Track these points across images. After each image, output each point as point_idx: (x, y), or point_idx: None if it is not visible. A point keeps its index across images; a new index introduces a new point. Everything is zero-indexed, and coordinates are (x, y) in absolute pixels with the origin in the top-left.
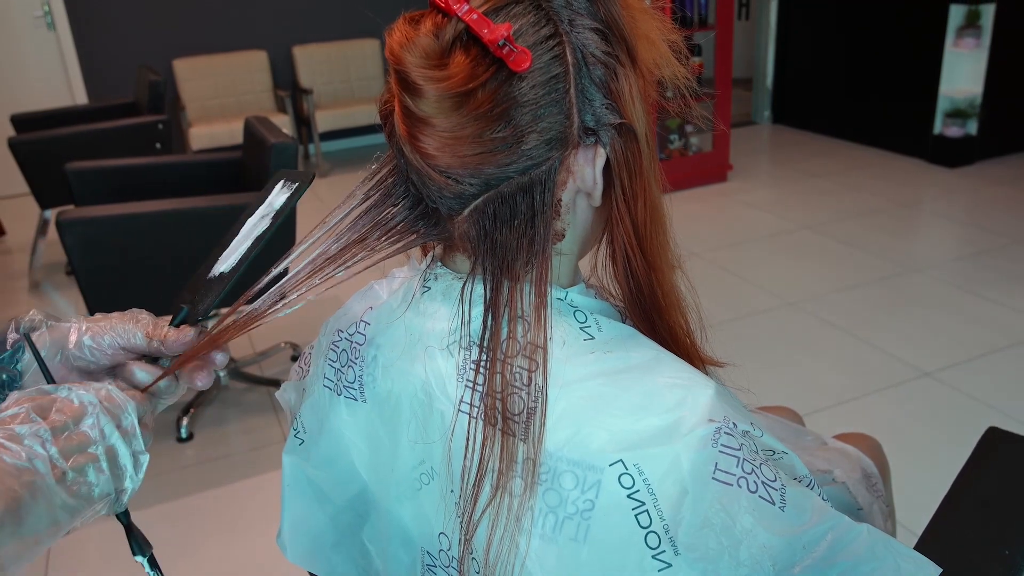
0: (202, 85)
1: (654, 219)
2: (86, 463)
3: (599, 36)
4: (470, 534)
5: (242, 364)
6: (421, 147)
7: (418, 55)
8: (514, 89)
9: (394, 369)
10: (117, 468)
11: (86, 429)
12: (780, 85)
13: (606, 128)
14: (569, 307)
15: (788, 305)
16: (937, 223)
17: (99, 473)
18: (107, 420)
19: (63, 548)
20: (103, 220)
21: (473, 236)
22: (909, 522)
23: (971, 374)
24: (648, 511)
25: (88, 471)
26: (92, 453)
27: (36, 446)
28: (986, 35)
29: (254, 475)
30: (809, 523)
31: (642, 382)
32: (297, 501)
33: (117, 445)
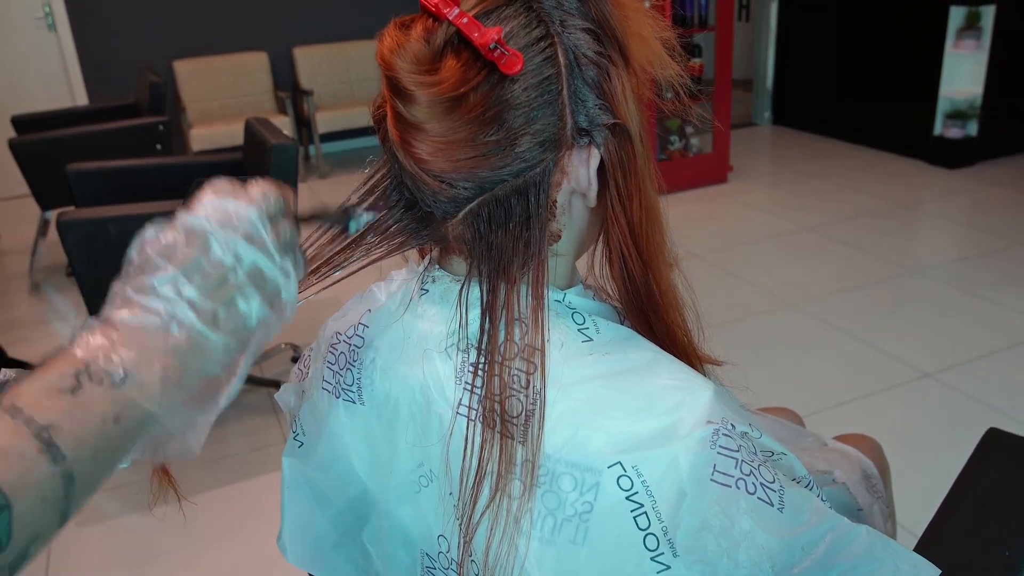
0: (203, 86)
1: (650, 218)
2: (232, 294)
3: (591, 36)
4: (469, 536)
5: None
6: (414, 152)
7: (409, 60)
8: (506, 92)
9: (392, 372)
10: (266, 286)
11: (219, 257)
12: (780, 86)
13: (600, 128)
14: (567, 309)
15: (789, 306)
16: (937, 224)
17: (248, 300)
18: (236, 238)
19: (63, 548)
20: (104, 221)
21: (468, 239)
22: (909, 523)
23: (971, 375)
24: (647, 513)
25: (237, 302)
26: (234, 281)
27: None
28: (986, 36)
29: (254, 476)
30: (808, 524)
31: (641, 384)
32: (297, 503)
33: (258, 261)
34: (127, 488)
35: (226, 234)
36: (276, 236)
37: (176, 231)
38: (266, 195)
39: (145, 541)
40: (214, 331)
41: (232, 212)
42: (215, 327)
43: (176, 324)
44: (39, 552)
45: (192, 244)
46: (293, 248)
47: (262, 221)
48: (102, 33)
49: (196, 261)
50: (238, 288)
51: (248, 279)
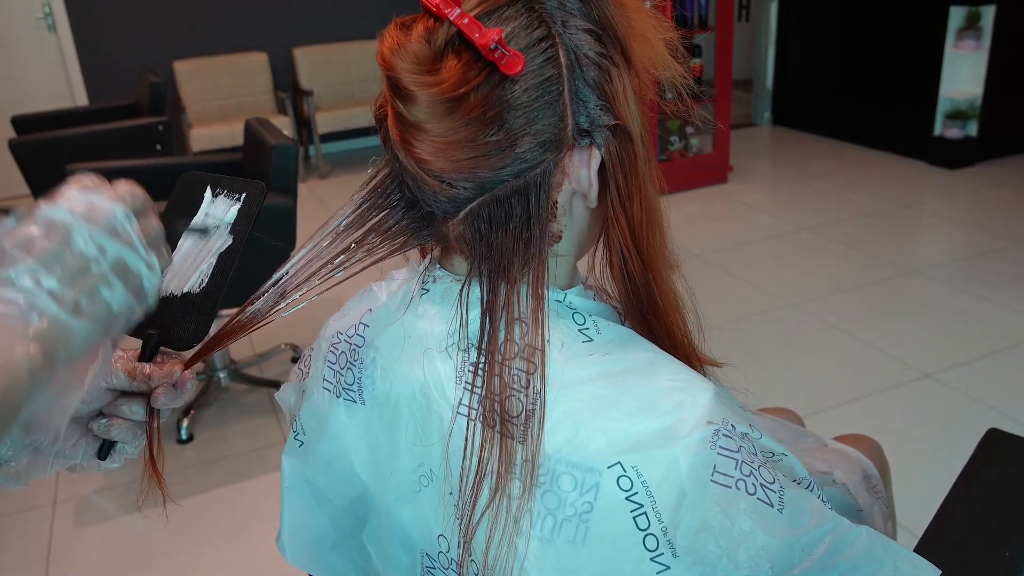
0: (203, 87)
1: (650, 219)
2: (95, 283)
3: (592, 37)
4: (469, 536)
5: (242, 365)
6: (415, 152)
7: (409, 61)
8: (507, 92)
9: (393, 371)
10: (130, 276)
11: (80, 248)
12: (780, 87)
13: (600, 129)
14: (567, 309)
15: (789, 306)
16: (937, 224)
17: (111, 289)
18: (99, 232)
19: (63, 549)
20: None
21: (469, 239)
22: (909, 523)
23: (972, 375)
24: (647, 513)
25: (100, 291)
26: (97, 272)
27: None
28: (986, 36)
29: (254, 476)
30: (808, 525)
31: (641, 384)
32: (297, 503)
33: (123, 254)
34: (126, 488)
35: (90, 227)
36: (141, 232)
37: (36, 224)
38: (131, 192)
39: (145, 541)
40: (76, 318)
41: (96, 206)
42: (77, 314)
43: (36, 313)
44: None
45: (53, 237)
46: (158, 243)
47: (127, 216)
48: (102, 33)
49: (56, 252)
50: (101, 278)
51: (111, 269)
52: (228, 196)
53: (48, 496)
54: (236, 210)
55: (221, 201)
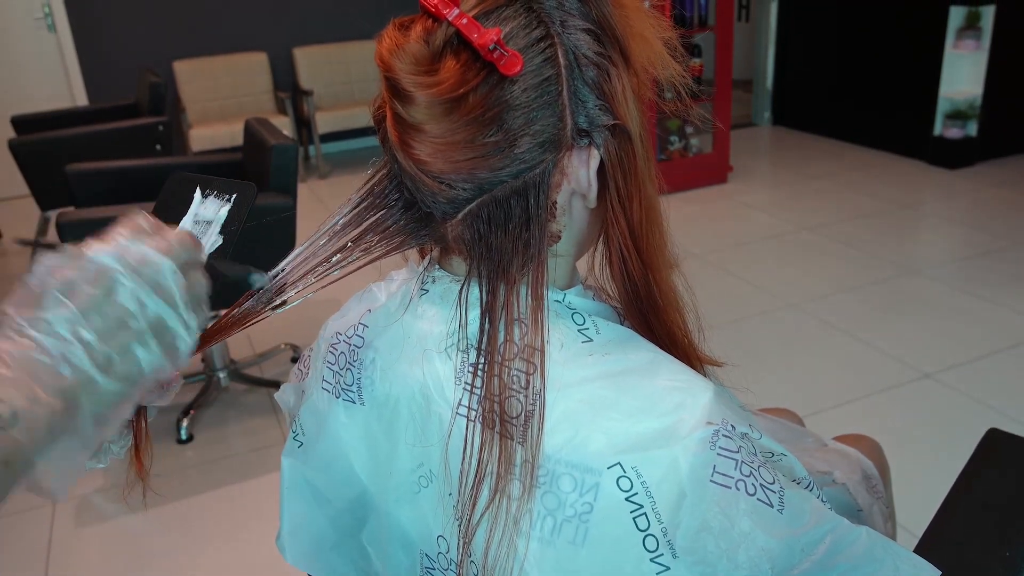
0: (202, 87)
1: (650, 219)
2: (129, 341)
3: (591, 37)
4: (469, 537)
5: (242, 366)
6: (413, 153)
7: (408, 62)
8: (506, 93)
9: (392, 372)
10: (166, 335)
11: (123, 302)
12: (780, 87)
13: (599, 129)
14: (567, 309)
15: (789, 306)
16: (937, 224)
17: (146, 348)
18: (144, 288)
19: (63, 549)
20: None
21: (468, 240)
22: (909, 523)
23: (972, 375)
24: (646, 514)
25: (133, 349)
26: (134, 328)
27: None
28: (986, 36)
29: (254, 476)
30: (808, 525)
31: (641, 385)
32: (296, 503)
33: (162, 312)
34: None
35: (135, 280)
36: (186, 288)
37: (83, 266)
38: (182, 243)
39: (145, 541)
40: (105, 376)
41: (145, 258)
42: (107, 372)
43: (67, 365)
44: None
45: (97, 284)
46: (200, 301)
47: (174, 273)
48: (102, 33)
49: (98, 302)
50: (137, 335)
51: (149, 327)
52: (218, 197)
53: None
54: (226, 211)
55: (211, 202)
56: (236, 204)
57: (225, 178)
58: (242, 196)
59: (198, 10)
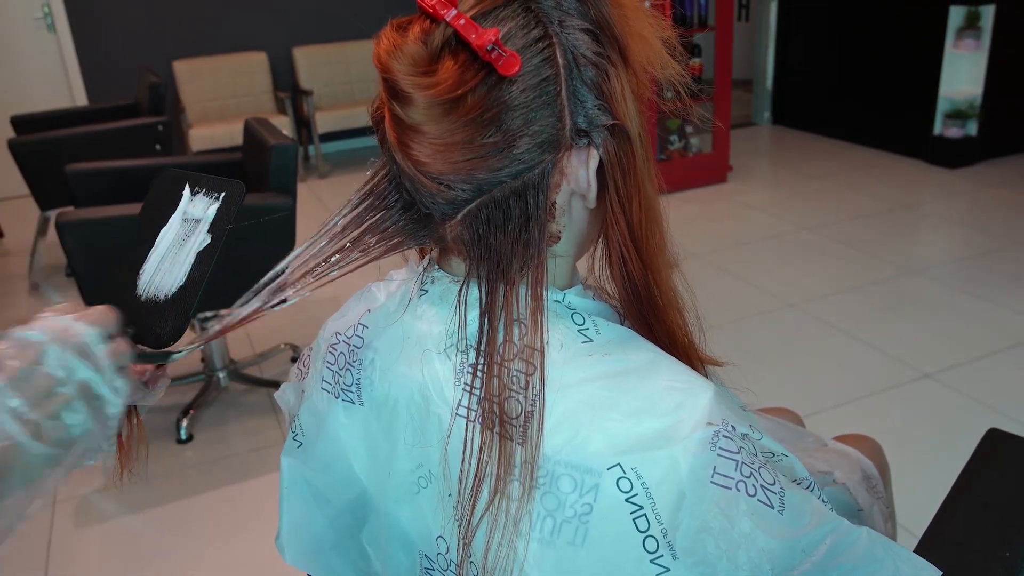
0: (202, 87)
1: (649, 219)
2: (59, 406)
3: (590, 37)
4: (468, 538)
5: (242, 365)
6: (412, 154)
7: (406, 62)
8: (504, 93)
9: (391, 372)
10: (94, 400)
11: (49, 370)
12: (780, 86)
13: (599, 129)
14: (567, 309)
15: (788, 306)
16: (937, 224)
17: (75, 413)
18: (70, 355)
19: (62, 549)
20: (103, 221)
21: (467, 240)
22: (910, 523)
23: (972, 375)
24: (646, 515)
25: (62, 415)
26: (62, 393)
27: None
28: (986, 36)
29: (254, 476)
30: (808, 526)
31: (641, 385)
32: (295, 503)
33: (89, 377)
34: (127, 488)
35: (61, 348)
36: (111, 355)
37: (9, 342)
38: (104, 315)
39: (144, 542)
40: (36, 441)
41: (70, 328)
42: (37, 437)
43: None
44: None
45: (25, 356)
46: (125, 368)
47: (98, 339)
48: (101, 33)
49: (26, 373)
50: (66, 401)
51: (77, 393)
52: (207, 195)
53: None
54: (215, 209)
55: (200, 200)
56: (224, 203)
57: (213, 176)
58: (230, 195)
59: (198, 10)
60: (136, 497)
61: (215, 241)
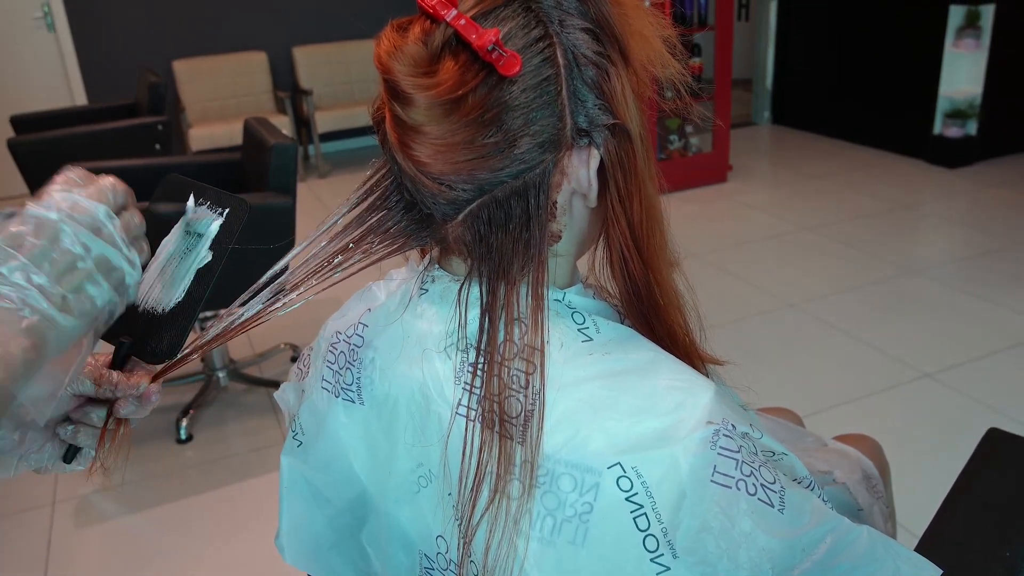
0: (202, 86)
1: (650, 218)
2: (81, 280)
3: (590, 36)
4: (469, 537)
5: (241, 365)
6: (413, 155)
7: (406, 63)
8: (505, 93)
9: (392, 371)
10: (114, 272)
11: (67, 246)
12: (780, 86)
13: (599, 129)
14: (567, 308)
15: (788, 306)
16: (937, 224)
17: (97, 285)
18: (84, 232)
19: (63, 549)
20: None
21: (468, 240)
22: (910, 523)
23: (972, 375)
24: (646, 514)
25: (85, 287)
26: (83, 268)
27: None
28: (986, 35)
29: (254, 476)
30: (808, 525)
31: (641, 384)
32: (295, 503)
33: (106, 252)
34: (127, 488)
35: (74, 226)
36: (123, 229)
37: (25, 222)
38: (113, 188)
39: (144, 542)
40: (64, 314)
41: (80, 205)
42: (65, 310)
43: (28, 309)
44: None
45: (41, 235)
46: (139, 238)
47: (109, 216)
48: (101, 33)
49: (45, 250)
50: (87, 275)
51: (96, 267)
52: (211, 208)
53: (47, 496)
54: (218, 225)
55: (204, 212)
56: (228, 220)
57: (219, 190)
58: (234, 213)
59: (198, 10)
60: (136, 497)
61: (216, 260)
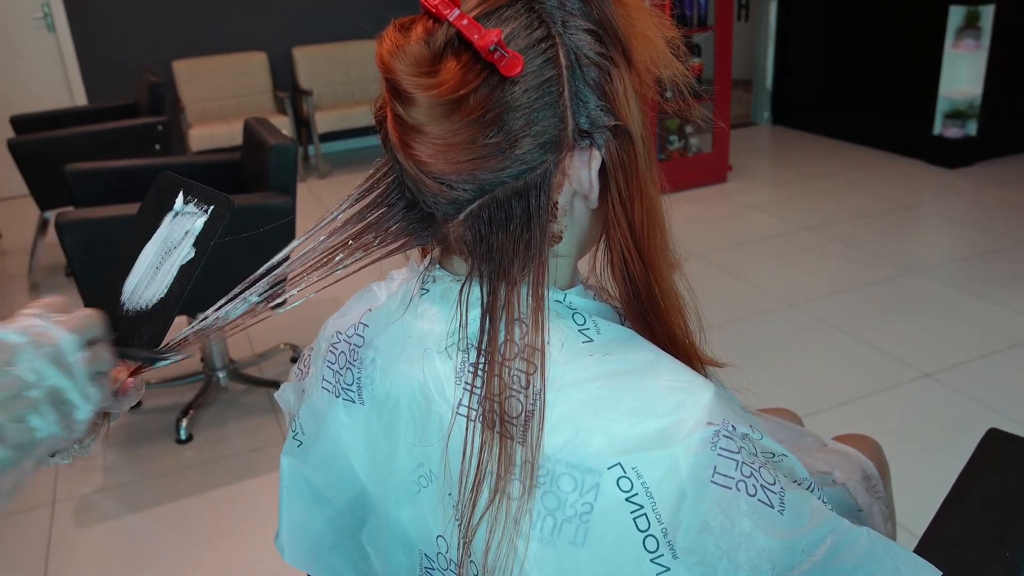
0: (202, 86)
1: (651, 220)
2: (24, 410)
3: (592, 37)
4: (469, 537)
5: (241, 365)
6: (414, 154)
7: (408, 63)
8: (506, 94)
9: (392, 371)
10: (64, 405)
11: (19, 373)
12: (780, 86)
13: (601, 130)
14: (568, 309)
15: (788, 306)
16: (937, 224)
17: (42, 417)
18: (43, 360)
19: (63, 549)
20: (102, 221)
21: (469, 240)
22: (910, 523)
23: (972, 375)
24: (646, 514)
25: (28, 417)
26: (30, 397)
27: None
28: (986, 36)
29: (254, 476)
30: (808, 526)
31: (641, 385)
32: (295, 503)
33: (60, 383)
34: (127, 488)
35: (33, 352)
36: (88, 362)
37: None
38: (88, 320)
39: (144, 541)
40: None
41: (47, 333)
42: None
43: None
44: None
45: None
46: (104, 374)
47: (75, 346)
48: (101, 33)
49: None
50: (32, 405)
51: (46, 397)
52: (198, 206)
53: (47, 496)
54: (202, 222)
55: (191, 209)
56: (212, 217)
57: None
58: (218, 210)
59: (197, 10)
60: (136, 497)
61: (197, 257)
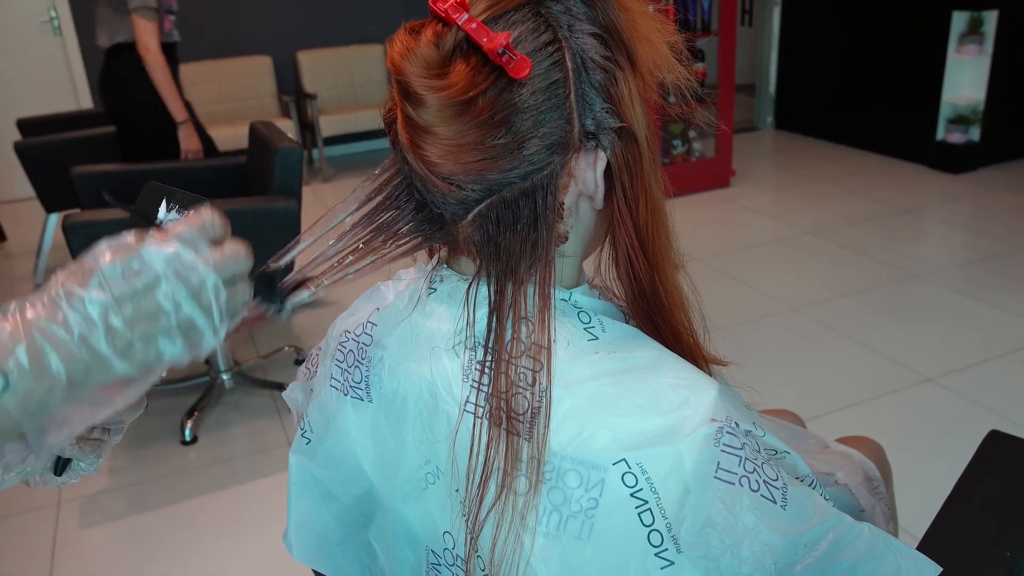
0: (207, 90)
1: (656, 220)
2: (156, 332)
3: (598, 41)
4: (476, 533)
5: (246, 368)
6: (424, 155)
7: (419, 65)
8: (514, 96)
9: (400, 370)
10: (192, 333)
11: (159, 299)
12: (783, 91)
13: (606, 132)
14: (573, 308)
15: (791, 310)
16: (940, 229)
17: (171, 342)
18: (183, 293)
19: (68, 549)
20: (109, 224)
21: (477, 240)
22: (911, 525)
23: (973, 379)
24: (651, 510)
25: (158, 340)
26: (164, 323)
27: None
28: (989, 41)
29: (258, 478)
30: (811, 522)
31: (646, 382)
32: (303, 500)
33: (195, 316)
34: (132, 489)
35: (176, 285)
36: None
37: (135, 254)
38: (235, 256)
39: (149, 542)
40: (120, 359)
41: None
42: (126, 356)
43: (84, 347)
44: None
45: (140, 278)
46: (236, 312)
47: (216, 287)
48: None
49: (135, 295)
50: (166, 330)
51: (178, 325)
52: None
53: (53, 496)
54: None
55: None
56: None
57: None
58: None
59: (202, 14)
60: (141, 498)
61: None
